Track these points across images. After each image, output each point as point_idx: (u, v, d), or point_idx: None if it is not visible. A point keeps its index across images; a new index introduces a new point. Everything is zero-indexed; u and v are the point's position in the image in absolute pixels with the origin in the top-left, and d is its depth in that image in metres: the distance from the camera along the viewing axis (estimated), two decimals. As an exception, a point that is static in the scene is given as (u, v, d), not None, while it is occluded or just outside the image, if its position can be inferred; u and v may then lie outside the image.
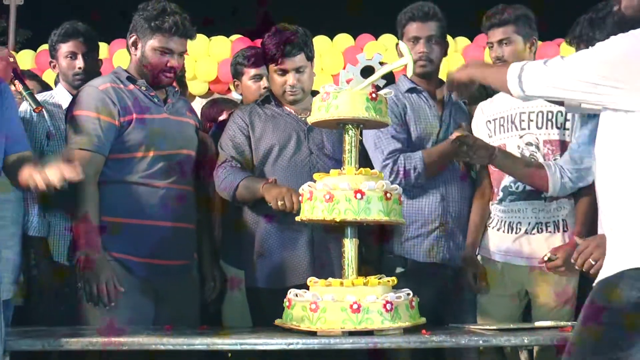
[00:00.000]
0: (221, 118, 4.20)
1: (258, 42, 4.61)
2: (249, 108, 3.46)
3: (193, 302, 3.33)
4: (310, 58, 3.37)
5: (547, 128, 3.27)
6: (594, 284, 2.45)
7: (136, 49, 3.25)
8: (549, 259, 3.14)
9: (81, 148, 3.07)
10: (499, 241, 3.33)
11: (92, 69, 3.62)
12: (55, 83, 3.87)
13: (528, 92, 2.47)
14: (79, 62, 3.63)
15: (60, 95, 3.60)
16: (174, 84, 3.50)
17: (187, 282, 3.30)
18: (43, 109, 3.20)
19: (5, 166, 2.75)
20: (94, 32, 3.69)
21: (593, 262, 2.77)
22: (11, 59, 3.15)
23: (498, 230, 3.33)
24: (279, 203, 3.02)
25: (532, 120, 3.30)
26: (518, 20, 3.31)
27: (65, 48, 3.65)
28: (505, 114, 3.35)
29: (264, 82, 3.87)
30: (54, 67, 3.74)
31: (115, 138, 3.13)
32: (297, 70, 3.33)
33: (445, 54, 3.53)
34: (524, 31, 3.32)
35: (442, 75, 3.43)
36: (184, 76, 4.06)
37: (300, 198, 2.91)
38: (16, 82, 3.13)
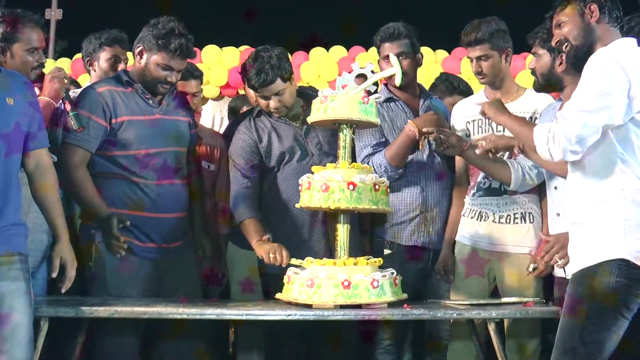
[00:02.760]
0: None
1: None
2: (253, 123, 3.35)
3: (193, 275, 3.29)
4: (286, 79, 3.20)
5: None
6: (570, 276, 2.47)
7: (141, 58, 3.15)
8: (533, 269, 3.12)
9: (70, 142, 3.04)
10: (471, 228, 3.32)
11: None
12: None
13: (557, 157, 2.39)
14: (122, 65, 3.60)
15: None
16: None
17: (186, 258, 3.25)
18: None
19: (27, 169, 2.72)
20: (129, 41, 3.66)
21: (558, 260, 2.87)
22: (65, 81, 3.11)
23: (471, 218, 3.33)
24: (271, 257, 3.00)
25: None
26: (492, 37, 3.23)
27: (109, 52, 3.63)
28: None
29: None
30: (91, 66, 3.70)
31: (104, 137, 3.07)
32: (277, 94, 3.20)
33: (419, 64, 3.45)
34: (498, 46, 3.25)
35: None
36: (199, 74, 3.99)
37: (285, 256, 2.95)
38: (66, 102, 3.06)
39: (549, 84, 3.04)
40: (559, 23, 2.53)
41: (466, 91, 4.00)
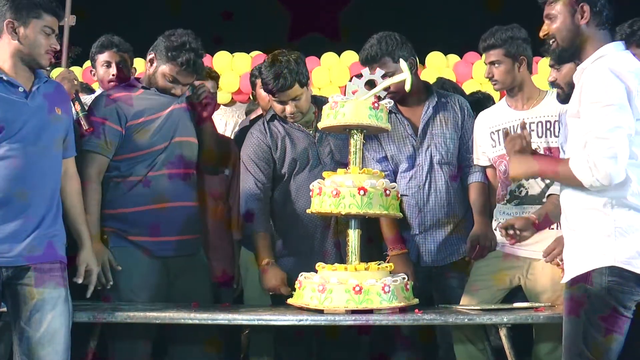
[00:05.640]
0: None
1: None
2: (266, 127, 3.33)
3: (204, 281, 3.29)
4: (303, 84, 3.18)
5: (546, 137, 3.16)
6: (565, 282, 2.44)
7: (151, 65, 3.20)
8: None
9: (87, 149, 3.05)
10: (501, 236, 3.17)
11: (124, 76, 3.60)
12: None
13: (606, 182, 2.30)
14: (112, 70, 3.62)
15: None
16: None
17: (197, 263, 3.26)
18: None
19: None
20: (126, 44, 3.68)
21: (559, 262, 2.91)
22: (75, 82, 3.16)
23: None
24: (266, 288, 3.17)
25: (532, 130, 3.18)
26: (505, 44, 3.19)
27: (101, 58, 3.65)
28: (508, 124, 3.22)
29: None
30: (94, 75, 3.75)
31: (120, 142, 3.09)
32: (294, 99, 3.18)
33: (415, 68, 3.32)
34: (512, 53, 3.20)
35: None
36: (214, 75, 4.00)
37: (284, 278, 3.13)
38: (76, 102, 3.09)
39: None
40: (550, 16, 2.48)
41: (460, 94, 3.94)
